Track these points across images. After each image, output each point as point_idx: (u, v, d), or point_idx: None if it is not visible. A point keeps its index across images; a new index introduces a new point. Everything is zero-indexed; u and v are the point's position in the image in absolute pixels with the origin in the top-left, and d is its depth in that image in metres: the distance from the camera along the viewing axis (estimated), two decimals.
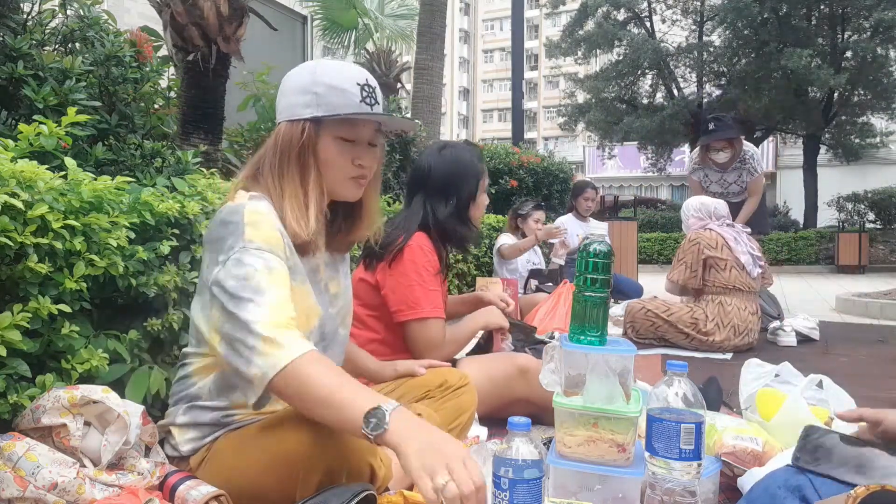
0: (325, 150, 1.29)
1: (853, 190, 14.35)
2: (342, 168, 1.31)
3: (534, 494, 1.06)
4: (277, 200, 1.27)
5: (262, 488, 1.20)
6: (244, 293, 1.13)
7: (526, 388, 2.02)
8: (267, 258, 1.18)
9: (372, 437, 1.00)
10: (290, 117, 1.29)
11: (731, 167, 4.39)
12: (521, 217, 4.81)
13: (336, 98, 1.27)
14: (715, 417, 1.68)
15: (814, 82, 13.77)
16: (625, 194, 25.33)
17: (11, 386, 1.22)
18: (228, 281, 1.15)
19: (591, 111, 18.00)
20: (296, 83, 1.30)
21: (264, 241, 1.20)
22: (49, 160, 1.63)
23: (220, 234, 1.22)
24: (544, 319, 4.02)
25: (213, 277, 1.18)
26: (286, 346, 1.10)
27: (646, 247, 14.08)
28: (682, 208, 3.92)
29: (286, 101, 1.31)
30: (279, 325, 1.12)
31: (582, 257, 1.39)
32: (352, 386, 1.07)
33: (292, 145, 1.28)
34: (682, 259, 3.61)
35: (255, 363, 1.10)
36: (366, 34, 9.57)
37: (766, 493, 0.93)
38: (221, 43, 3.04)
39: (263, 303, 1.13)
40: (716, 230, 3.62)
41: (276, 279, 1.17)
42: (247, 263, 1.16)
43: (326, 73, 1.28)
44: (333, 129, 1.29)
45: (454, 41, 48.34)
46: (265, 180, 1.29)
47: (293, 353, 1.09)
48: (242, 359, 1.11)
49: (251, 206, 1.23)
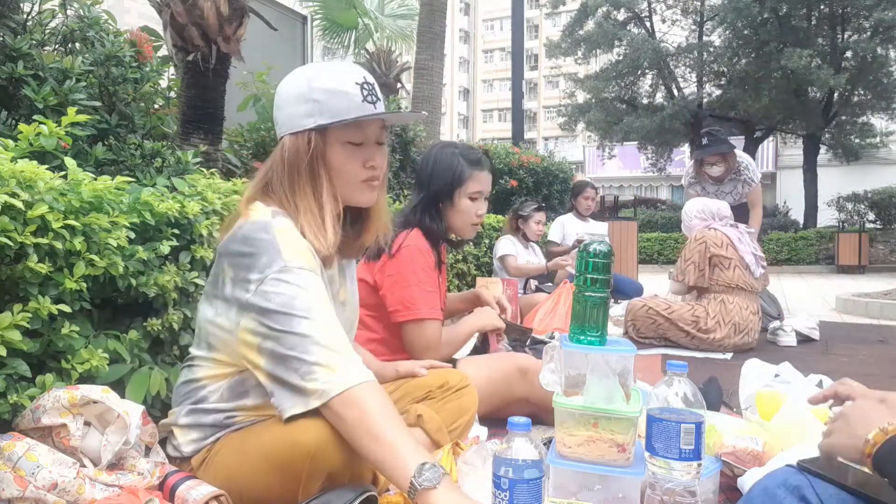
0: (334, 157, 1.26)
1: (853, 190, 14.34)
2: (354, 173, 1.28)
3: (534, 494, 1.06)
4: (294, 216, 1.24)
5: (264, 489, 1.19)
6: (296, 311, 1.13)
7: (526, 387, 2.02)
8: (310, 278, 1.17)
9: (418, 486, 1.00)
10: (293, 129, 1.25)
11: (726, 179, 4.44)
12: (522, 218, 4.82)
13: (338, 102, 1.23)
14: (715, 417, 1.68)
15: (814, 82, 13.76)
16: (625, 194, 25.33)
17: (11, 386, 1.22)
18: (275, 299, 1.14)
19: (591, 111, 18.00)
20: (292, 93, 1.25)
21: (304, 259, 1.18)
22: (49, 160, 1.63)
23: (247, 250, 1.19)
24: (544, 319, 4.03)
25: (247, 298, 1.16)
26: (352, 368, 1.11)
27: (646, 247, 14.08)
28: (684, 210, 3.90)
29: (285, 112, 1.26)
30: (340, 344, 1.13)
31: (582, 257, 1.39)
32: (407, 432, 1.09)
33: (300, 158, 1.24)
34: (689, 259, 3.59)
35: (317, 377, 1.10)
36: (366, 34, 9.57)
37: (765, 493, 0.93)
38: (221, 43, 3.04)
39: (318, 319, 1.13)
40: (720, 229, 3.62)
41: (322, 299, 1.17)
42: (292, 283, 1.15)
43: (322, 77, 1.24)
44: (340, 134, 1.25)
45: (454, 41, 48.32)
46: (278, 196, 1.26)
47: (359, 378, 1.10)
48: (298, 373, 1.11)
49: (278, 223, 1.21)
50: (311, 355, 1.11)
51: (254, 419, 1.28)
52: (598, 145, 19.80)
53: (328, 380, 1.10)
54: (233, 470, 1.22)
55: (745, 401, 1.81)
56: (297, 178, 1.25)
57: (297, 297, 1.14)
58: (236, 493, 1.21)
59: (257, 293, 1.15)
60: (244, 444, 1.23)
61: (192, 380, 1.30)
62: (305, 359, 1.11)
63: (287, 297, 1.14)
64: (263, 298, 1.14)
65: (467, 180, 2.01)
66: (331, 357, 1.11)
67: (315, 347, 1.11)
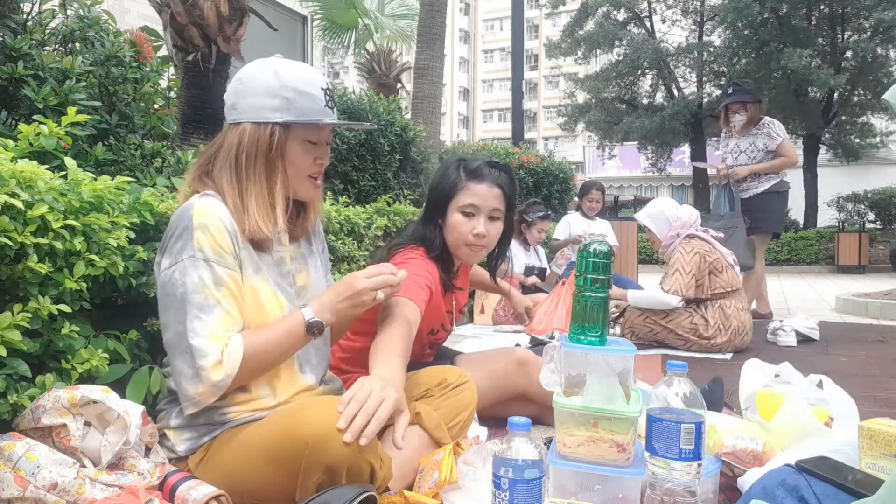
0: (291, 151, 1.35)
1: (853, 190, 14.34)
2: (306, 168, 1.38)
3: (534, 494, 1.06)
4: (235, 198, 1.32)
5: (262, 485, 1.20)
6: (192, 305, 1.24)
7: (524, 381, 2.02)
8: (214, 270, 1.26)
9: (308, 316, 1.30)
10: (257, 119, 1.32)
11: (747, 133, 4.61)
12: (526, 223, 4.82)
13: (305, 103, 1.33)
14: (715, 417, 1.68)
15: (814, 82, 13.78)
16: (625, 194, 25.34)
17: (11, 386, 1.22)
18: (177, 288, 1.24)
19: (591, 111, 18.02)
20: (261, 85, 1.33)
21: (212, 247, 1.26)
22: (49, 160, 1.63)
23: (168, 234, 1.29)
24: (544, 319, 4.03)
25: (160, 278, 1.28)
26: (231, 346, 1.24)
27: (646, 247, 14.06)
28: (665, 207, 3.66)
29: (251, 101, 1.33)
30: (219, 341, 1.24)
31: (582, 257, 1.39)
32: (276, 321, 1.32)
33: (260, 147, 1.33)
34: (689, 272, 3.44)
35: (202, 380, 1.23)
36: (366, 34, 9.57)
37: (764, 493, 0.93)
38: (221, 43, 3.04)
39: (209, 321, 1.24)
40: (703, 237, 3.58)
41: (223, 292, 1.26)
42: (195, 275, 1.24)
43: (292, 77, 1.33)
44: (302, 132, 1.35)
45: (454, 41, 48.32)
46: (219, 179, 1.34)
47: (237, 352, 1.24)
48: (187, 373, 1.25)
49: (199, 204, 1.28)
50: (198, 359, 1.22)
51: (249, 416, 1.30)
52: (598, 145, 19.81)
53: (220, 371, 1.22)
54: (231, 467, 1.23)
55: (745, 401, 1.81)
56: (252, 163, 1.33)
57: (197, 291, 1.24)
58: (236, 490, 1.22)
59: (167, 277, 1.26)
60: (242, 441, 1.25)
61: (169, 376, 1.37)
62: (194, 363, 1.23)
63: (190, 288, 1.24)
64: (173, 283, 1.25)
65: (460, 192, 1.82)
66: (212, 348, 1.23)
67: (199, 351, 1.22)
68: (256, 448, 1.21)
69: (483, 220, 1.83)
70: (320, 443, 1.12)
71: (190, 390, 1.24)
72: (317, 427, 1.13)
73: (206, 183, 1.35)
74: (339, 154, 4.50)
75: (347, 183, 4.61)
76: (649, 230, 3.68)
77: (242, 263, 1.31)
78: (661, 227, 3.64)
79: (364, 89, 5.87)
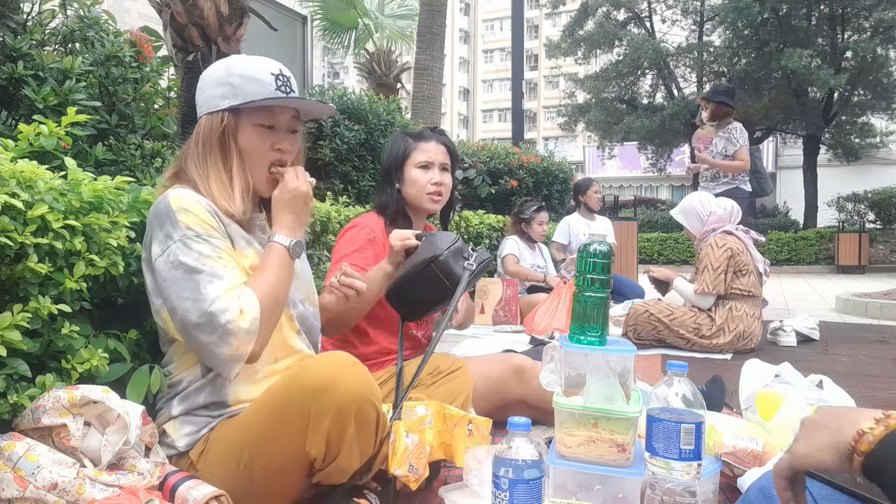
0: (244, 137, 1.37)
1: (853, 190, 14.34)
2: (261, 153, 1.39)
3: (534, 494, 1.06)
4: (204, 186, 1.35)
5: (271, 443, 1.22)
6: (200, 274, 1.24)
7: (522, 389, 2.02)
8: (208, 242, 1.28)
9: (284, 242, 1.34)
10: (210, 110, 1.38)
11: (718, 132, 4.88)
12: (525, 222, 4.82)
13: (251, 87, 1.35)
14: (715, 417, 1.68)
15: (814, 82, 13.78)
16: (625, 194, 25.33)
17: (11, 386, 1.22)
18: (178, 266, 1.25)
19: (591, 111, 18.02)
20: (211, 77, 1.39)
21: (198, 223, 1.28)
22: (49, 160, 1.63)
23: (150, 226, 1.32)
24: (544, 319, 4.03)
25: (155, 266, 1.29)
26: (244, 296, 1.25)
27: (646, 247, 14.09)
28: (696, 202, 3.62)
29: (204, 95, 1.39)
30: (233, 293, 1.25)
31: (582, 257, 1.39)
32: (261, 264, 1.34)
33: (212, 134, 1.36)
34: (717, 268, 3.41)
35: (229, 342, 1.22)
36: (366, 34, 9.57)
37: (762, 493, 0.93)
38: (221, 43, 3.04)
39: (219, 283, 1.24)
40: (739, 236, 3.54)
41: (224, 256, 1.29)
42: (193, 251, 1.26)
43: (240, 65, 1.37)
44: (252, 117, 1.37)
45: (454, 41, 48.31)
46: (189, 173, 1.37)
47: (254, 301, 1.25)
48: (214, 340, 1.23)
49: (173, 193, 1.32)
50: (223, 310, 1.22)
51: (245, 406, 1.32)
52: (598, 145, 19.82)
53: (246, 318, 1.22)
54: (237, 436, 1.25)
55: (745, 401, 1.81)
56: (209, 151, 1.37)
57: (203, 260, 1.26)
58: (245, 462, 1.24)
59: (163, 260, 1.28)
60: (245, 415, 1.28)
61: (168, 372, 1.39)
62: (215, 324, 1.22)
63: (193, 260, 1.25)
64: (173, 262, 1.26)
65: (413, 152, 2.04)
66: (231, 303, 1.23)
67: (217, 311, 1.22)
68: (262, 408, 1.25)
69: (437, 170, 2.02)
70: (328, 385, 1.17)
71: (225, 351, 1.23)
72: (323, 374, 1.18)
73: (181, 177, 1.40)
74: (339, 154, 4.50)
75: (347, 183, 4.61)
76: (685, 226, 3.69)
77: (233, 238, 1.35)
78: (693, 223, 3.64)
79: (364, 89, 5.87)
